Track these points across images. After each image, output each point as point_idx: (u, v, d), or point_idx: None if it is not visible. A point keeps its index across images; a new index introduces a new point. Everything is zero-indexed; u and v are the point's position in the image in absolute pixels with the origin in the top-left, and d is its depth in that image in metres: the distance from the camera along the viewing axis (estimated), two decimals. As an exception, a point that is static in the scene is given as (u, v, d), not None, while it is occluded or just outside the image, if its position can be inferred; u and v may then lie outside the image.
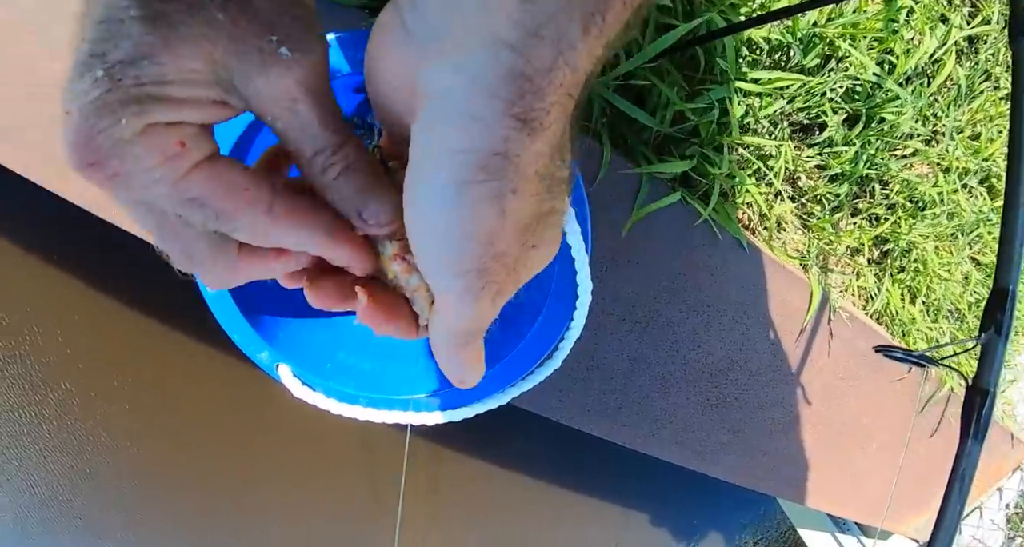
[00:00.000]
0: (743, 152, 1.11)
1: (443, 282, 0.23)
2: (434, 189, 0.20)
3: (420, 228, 0.22)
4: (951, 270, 1.48)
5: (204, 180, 0.22)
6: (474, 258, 0.21)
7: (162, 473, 1.69)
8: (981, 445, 0.44)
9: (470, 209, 0.20)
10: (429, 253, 0.22)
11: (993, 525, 2.31)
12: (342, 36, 0.54)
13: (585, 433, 1.20)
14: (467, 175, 0.19)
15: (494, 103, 0.19)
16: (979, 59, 1.38)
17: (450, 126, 0.19)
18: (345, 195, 0.25)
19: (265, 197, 0.23)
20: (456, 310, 0.23)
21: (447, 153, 0.20)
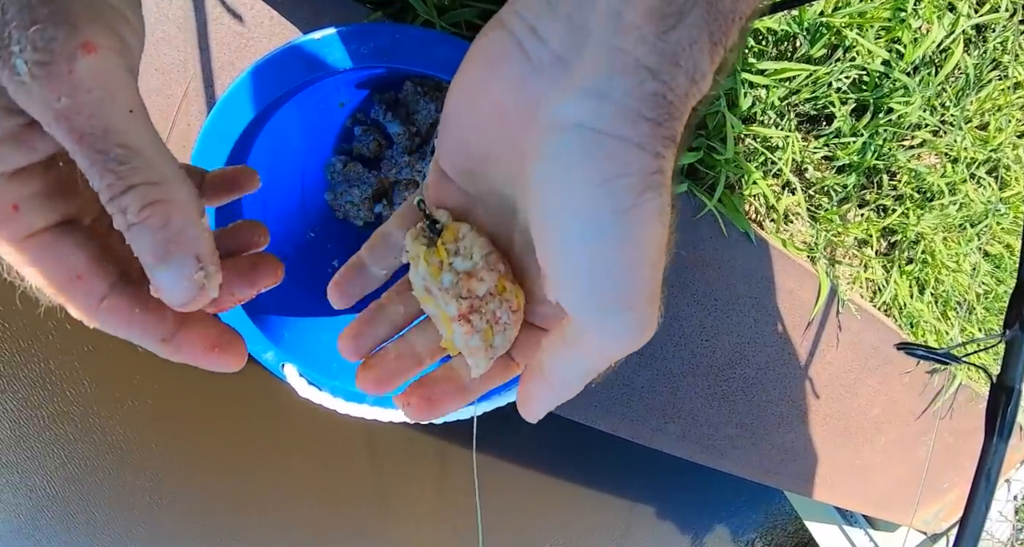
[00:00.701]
0: (750, 143, 1.10)
1: (604, 323, 0.20)
2: (591, 222, 0.19)
3: (574, 271, 0.20)
4: (959, 261, 1.47)
5: (37, 254, 0.19)
6: (645, 286, 0.20)
7: (167, 470, 1.70)
8: (1007, 443, 0.43)
9: (638, 234, 0.19)
10: (593, 295, 0.20)
11: (1001, 517, 2.30)
12: (343, 30, 0.53)
13: (591, 427, 1.20)
14: (631, 200, 0.18)
15: (643, 124, 0.18)
16: (987, 48, 1.36)
17: (599, 154, 0.18)
18: (136, 251, 0.19)
19: (99, 288, 0.21)
20: (621, 344, 0.21)
21: (602, 182, 0.18)
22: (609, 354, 0.22)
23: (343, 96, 0.74)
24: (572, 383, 0.23)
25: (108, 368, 1.52)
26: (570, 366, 0.23)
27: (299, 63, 0.51)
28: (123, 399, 1.57)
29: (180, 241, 0.19)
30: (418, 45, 0.50)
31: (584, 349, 0.22)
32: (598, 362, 0.22)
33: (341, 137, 0.79)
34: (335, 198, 0.79)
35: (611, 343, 0.21)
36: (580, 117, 0.18)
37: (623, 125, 0.18)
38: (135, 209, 0.19)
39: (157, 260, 0.19)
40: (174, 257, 0.19)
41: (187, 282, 0.20)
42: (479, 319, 0.25)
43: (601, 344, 0.21)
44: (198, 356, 0.23)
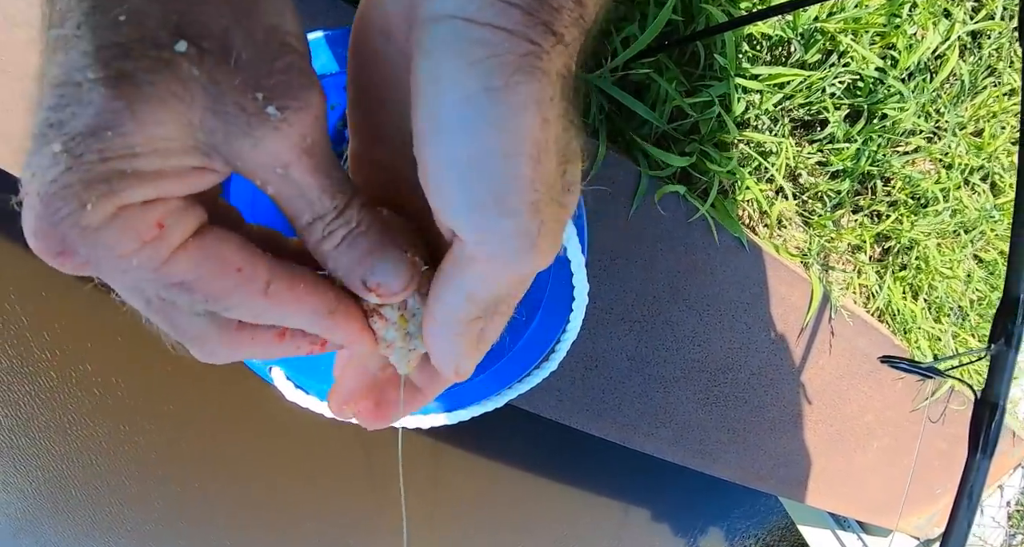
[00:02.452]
0: (743, 149, 1.10)
1: (483, 228, 0.19)
2: (460, 106, 0.17)
3: (446, 164, 0.18)
4: (953, 267, 1.47)
5: (189, 262, 0.19)
6: (524, 185, 0.18)
7: (158, 474, 1.69)
8: (990, 460, 0.42)
9: (512, 117, 0.17)
10: (466, 196, 0.18)
11: (994, 523, 2.31)
12: (333, 33, 0.53)
13: (584, 432, 1.19)
14: (497, 78, 0.17)
15: (512, 11, 0.17)
16: (982, 54, 1.37)
17: (465, 40, 0.17)
18: (347, 263, 0.21)
19: (261, 276, 0.20)
20: (505, 265, 0.19)
21: (469, 65, 0.17)
22: (493, 274, 0.20)
23: (333, 98, 0.74)
24: (455, 312, 0.21)
25: (98, 374, 1.52)
26: (450, 290, 0.21)
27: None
28: (109, 400, 1.56)
29: (390, 234, 0.22)
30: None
31: (468, 270, 0.20)
32: (480, 284, 0.20)
33: (332, 139, 0.78)
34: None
35: (493, 259, 0.19)
36: (451, 9, 0.17)
37: (491, 12, 0.17)
38: (357, 216, 0.21)
39: (377, 255, 0.21)
40: (389, 247, 0.21)
41: (404, 266, 0.21)
42: (391, 311, 0.24)
43: (483, 261, 0.19)
44: (355, 327, 0.23)
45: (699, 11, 0.93)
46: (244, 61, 0.18)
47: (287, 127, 0.18)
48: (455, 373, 0.23)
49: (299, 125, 0.18)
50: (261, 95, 0.18)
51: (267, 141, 0.18)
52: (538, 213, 0.18)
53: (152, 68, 0.16)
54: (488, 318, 0.22)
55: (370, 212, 0.21)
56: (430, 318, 0.22)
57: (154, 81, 0.16)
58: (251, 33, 0.18)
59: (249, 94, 0.18)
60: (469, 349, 0.23)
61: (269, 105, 0.18)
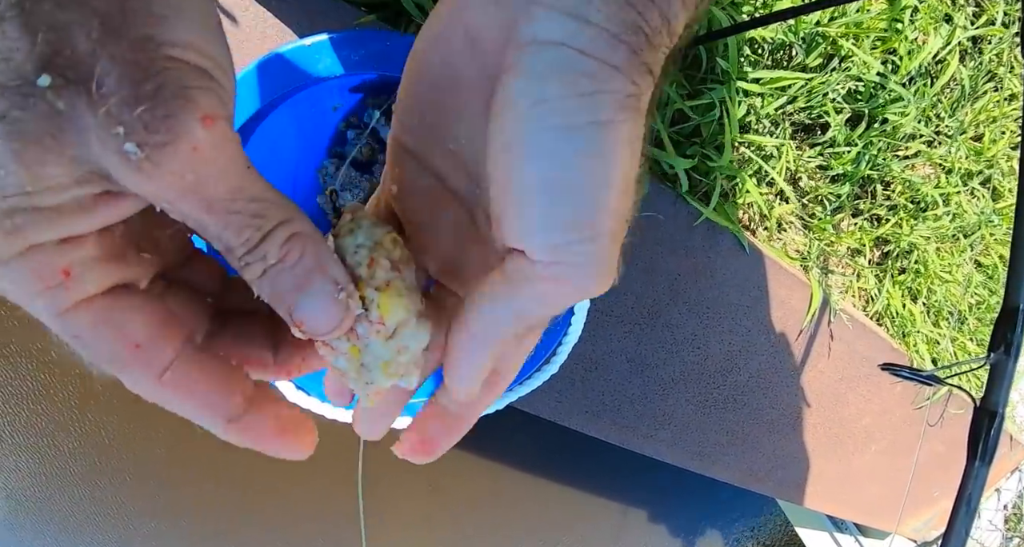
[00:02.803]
0: (744, 152, 1.10)
1: (567, 252, 0.18)
2: (562, 135, 0.18)
3: (539, 183, 0.18)
4: (952, 272, 1.48)
5: (88, 322, 0.18)
6: (612, 215, 0.18)
7: (153, 474, 1.69)
8: (988, 468, 0.43)
9: (611, 152, 0.18)
10: (551, 219, 0.18)
11: (991, 526, 2.31)
12: (338, 36, 0.53)
13: (583, 433, 1.20)
14: (610, 114, 0.18)
15: (621, 49, 0.18)
16: (983, 59, 1.37)
17: (576, 70, 0.17)
18: (270, 295, 0.19)
19: (161, 359, 0.19)
20: (572, 287, 0.19)
21: (577, 97, 0.17)
22: (556, 295, 0.19)
23: (336, 100, 0.74)
24: (497, 328, 0.20)
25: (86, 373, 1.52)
26: (498, 307, 0.20)
27: (289, 69, 0.51)
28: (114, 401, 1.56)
29: (319, 267, 0.20)
30: (407, 52, 0.50)
31: (526, 288, 0.19)
32: (536, 304, 0.20)
33: (334, 141, 0.79)
34: (327, 202, 0.79)
35: (562, 281, 0.19)
36: (559, 36, 0.18)
37: (602, 47, 0.18)
38: (275, 252, 0.19)
39: (301, 290, 0.19)
40: (316, 283, 0.19)
41: (333, 304, 0.20)
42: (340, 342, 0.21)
43: (550, 281, 0.19)
44: (266, 439, 0.22)
45: (702, 15, 0.93)
46: (107, 88, 0.16)
47: (150, 166, 0.16)
48: (466, 395, 0.22)
49: (169, 162, 0.16)
50: (122, 130, 0.16)
51: (133, 182, 0.16)
52: (616, 242, 0.19)
53: (20, 105, 0.15)
54: (518, 343, 0.22)
55: (301, 244, 0.19)
56: (464, 331, 0.21)
57: (23, 118, 0.15)
58: (117, 52, 0.16)
59: (111, 129, 0.16)
60: (487, 372, 0.22)
61: (128, 142, 0.16)
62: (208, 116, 0.17)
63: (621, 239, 0.19)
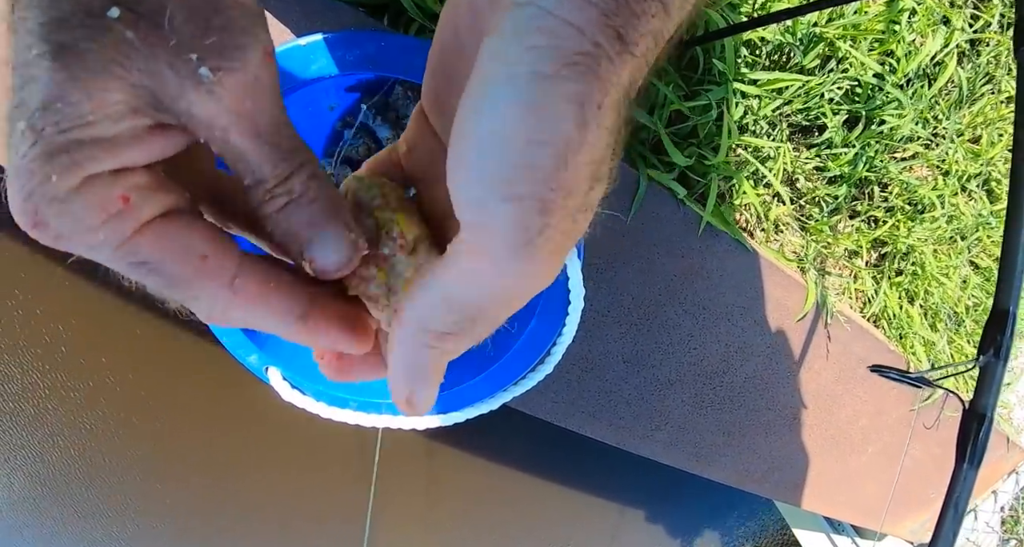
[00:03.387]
0: (742, 153, 1.10)
1: (483, 209, 0.17)
2: (504, 80, 0.17)
3: (472, 138, 0.17)
4: (949, 274, 1.48)
5: (152, 243, 0.19)
6: (540, 176, 0.17)
7: (151, 471, 1.69)
8: (977, 471, 0.43)
9: (550, 107, 0.17)
10: (477, 171, 0.17)
11: (988, 528, 2.32)
12: (333, 37, 0.53)
13: (580, 434, 1.20)
14: (547, 66, 0.16)
15: (588, 9, 0.17)
16: (980, 62, 1.37)
17: (534, 27, 0.17)
18: (285, 230, 0.21)
19: (228, 269, 0.20)
20: (490, 263, 0.18)
21: (528, 49, 0.17)
22: (475, 271, 0.18)
23: (332, 99, 0.74)
24: (426, 316, 0.19)
25: (94, 370, 1.52)
26: (427, 289, 0.19)
27: (284, 69, 0.51)
28: (107, 401, 1.56)
29: (333, 210, 0.21)
30: (404, 52, 0.50)
31: (451, 266, 0.19)
32: (461, 284, 0.18)
33: (330, 140, 0.79)
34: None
35: (479, 251, 0.18)
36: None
37: (568, 7, 0.17)
38: (300, 187, 0.20)
39: (317, 228, 0.21)
40: (331, 223, 0.21)
41: (343, 245, 0.21)
42: (367, 269, 0.22)
43: (469, 253, 0.18)
44: (332, 333, 0.22)
45: (699, 16, 0.93)
46: (179, 22, 0.17)
47: (220, 89, 0.18)
48: (406, 402, 0.21)
49: (234, 87, 0.18)
50: (195, 56, 0.17)
51: (200, 104, 0.18)
52: (545, 214, 0.17)
53: (88, 36, 0.17)
54: (462, 335, 0.20)
55: (319, 185, 0.21)
56: (396, 321, 0.20)
57: (91, 49, 0.17)
58: None
59: (183, 56, 0.17)
60: (432, 374, 0.21)
61: (202, 66, 0.18)
62: (267, 49, 0.19)
63: (559, 217, 0.17)
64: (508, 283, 0.18)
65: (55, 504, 1.66)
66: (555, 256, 0.18)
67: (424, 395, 0.21)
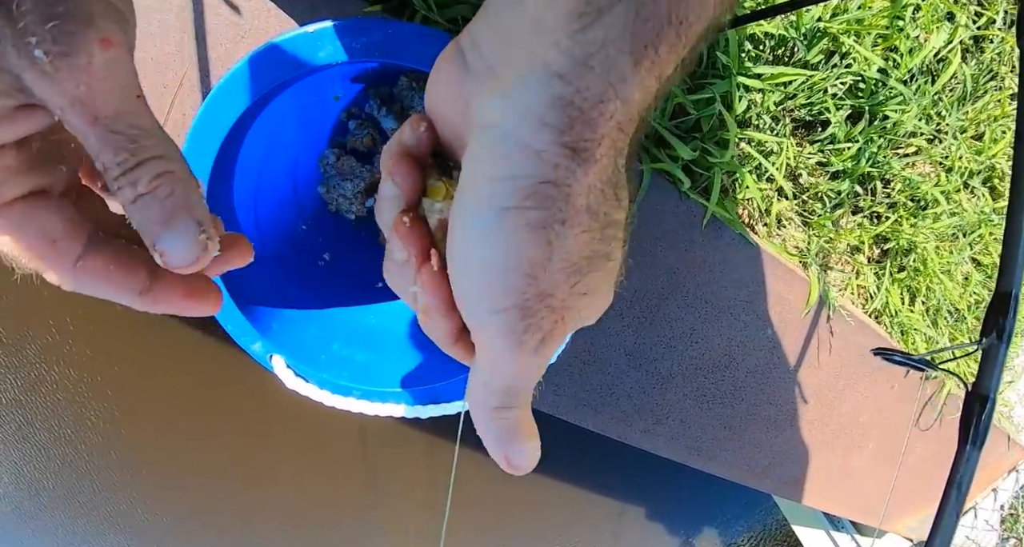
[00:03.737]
0: (744, 147, 1.10)
1: (481, 320, 0.20)
2: (475, 215, 0.19)
3: (460, 259, 0.20)
4: (951, 270, 1.48)
5: (11, 223, 0.21)
6: (515, 292, 0.19)
7: (155, 459, 1.70)
8: (980, 452, 0.43)
9: (511, 236, 0.19)
10: (467, 286, 0.21)
11: (987, 526, 2.32)
12: (341, 24, 0.54)
13: (581, 428, 1.20)
14: (510, 201, 0.19)
15: (544, 131, 0.18)
16: (984, 58, 1.37)
17: (497, 154, 0.19)
18: (138, 222, 0.21)
19: (75, 249, 0.22)
20: (497, 357, 0.21)
21: (491, 180, 0.19)
22: (494, 368, 0.21)
23: (338, 90, 0.74)
24: (480, 398, 0.23)
25: (98, 358, 1.52)
26: (474, 375, 0.23)
27: (291, 56, 0.51)
28: (111, 389, 1.57)
29: (184, 207, 0.22)
30: (410, 41, 0.51)
31: (479, 362, 0.22)
32: (491, 379, 0.22)
33: (335, 130, 0.79)
34: (328, 191, 0.79)
35: (485, 348, 0.21)
36: (493, 118, 0.19)
37: (525, 130, 0.18)
38: (146, 181, 0.21)
39: (164, 226, 0.21)
40: (180, 221, 0.21)
41: (191, 243, 0.22)
42: None
43: (484, 354, 0.21)
44: (176, 304, 0.24)
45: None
46: (26, 7, 0.18)
47: (54, 72, 0.19)
48: (507, 464, 0.24)
49: (68, 71, 0.19)
50: (34, 40, 0.18)
51: (37, 85, 0.19)
52: (527, 317, 0.20)
53: None
54: (518, 406, 0.23)
55: (172, 182, 0.21)
56: (470, 407, 0.24)
57: None
58: None
59: (25, 38, 0.18)
60: (513, 438, 0.23)
61: (37, 49, 0.18)
62: (106, 39, 0.20)
63: (543, 313, 0.20)
64: (517, 369, 0.21)
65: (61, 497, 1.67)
66: (546, 339, 0.20)
67: (516, 455, 0.24)
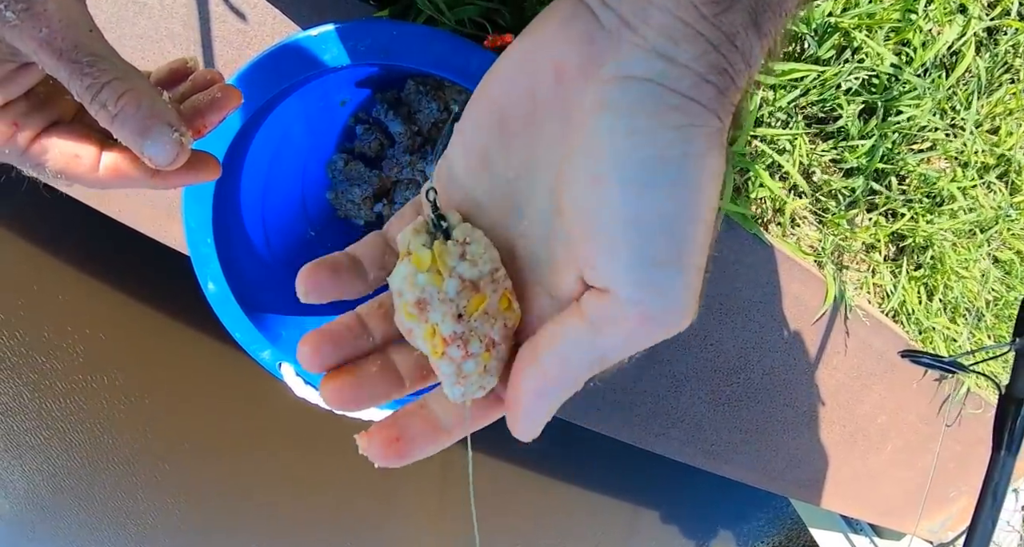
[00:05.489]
0: (757, 145, 1.09)
1: (655, 285, 0.18)
2: (660, 163, 0.18)
3: (626, 216, 0.18)
4: (969, 268, 1.45)
5: (39, 150, 0.28)
6: (699, 248, 0.19)
7: (163, 465, 1.70)
8: (1015, 457, 0.41)
9: (706, 182, 0.18)
10: (637, 248, 0.18)
11: (1009, 527, 2.27)
12: (343, 26, 0.53)
13: (594, 431, 1.18)
14: (703, 146, 0.18)
15: (708, 88, 0.18)
16: (999, 51, 1.35)
17: (667, 104, 0.18)
18: (124, 137, 0.27)
19: (93, 160, 0.29)
20: (657, 323, 0.19)
21: (670, 128, 0.18)
22: (642, 334, 0.19)
23: (344, 94, 0.74)
24: (576, 373, 0.20)
25: (108, 366, 1.53)
26: (581, 351, 0.20)
27: (296, 60, 0.50)
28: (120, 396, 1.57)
29: (153, 116, 0.26)
30: (416, 42, 0.50)
31: (611, 329, 0.19)
32: (621, 346, 0.20)
33: (343, 135, 0.78)
34: (336, 197, 0.78)
35: (649, 319, 0.19)
36: (648, 73, 0.18)
37: (691, 86, 0.18)
38: (112, 100, 0.26)
39: (141, 136, 0.26)
40: (154, 129, 0.26)
41: (169, 145, 0.27)
42: (477, 342, 0.21)
43: (637, 320, 0.19)
44: (183, 178, 0.31)
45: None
46: None
47: (20, 23, 0.24)
48: (527, 435, 0.23)
49: (31, 22, 0.24)
50: (3, 5, 0.24)
51: (11, 36, 0.25)
52: (701, 276, 0.19)
53: None
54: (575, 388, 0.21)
55: (134, 97, 0.26)
56: (541, 377, 0.21)
57: None
58: None
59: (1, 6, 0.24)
60: (553, 411, 0.22)
61: (8, 11, 0.24)
62: None
63: (703, 272, 0.19)
64: (669, 334, 0.20)
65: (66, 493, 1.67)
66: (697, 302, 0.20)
67: (541, 424, 0.23)
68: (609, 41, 0.19)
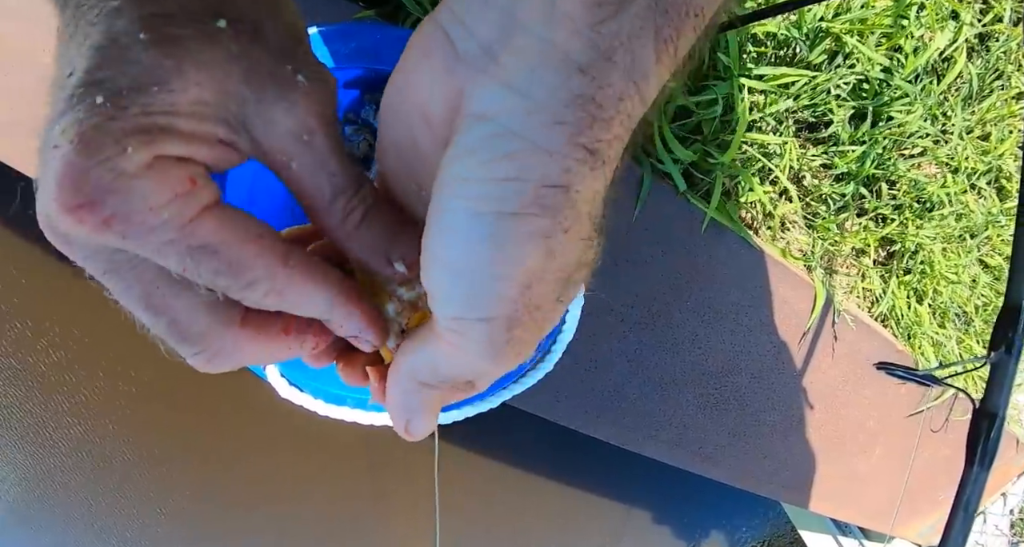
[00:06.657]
0: (747, 150, 1.09)
1: (460, 325, 0.19)
2: (470, 219, 0.17)
3: (444, 263, 0.19)
4: (959, 273, 1.46)
5: (216, 224, 0.19)
6: (506, 303, 0.18)
7: (153, 468, 1.69)
8: (988, 472, 0.41)
9: (513, 246, 0.17)
10: (451, 293, 0.19)
11: (997, 531, 2.29)
12: (327, 29, 0.53)
13: (584, 433, 1.18)
14: (515, 207, 0.17)
15: (558, 130, 0.17)
16: (990, 57, 1.35)
17: (499, 152, 0.17)
18: (371, 239, 0.22)
19: (281, 247, 0.20)
20: (467, 357, 0.20)
21: (492, 181, 0.17)
22: (457, 360, 0.20)
23: (332, 95, 0.73)
24: (416, 373, 0.22)
25: (98, 366, 1.52)
26: (421, 353, 0.21)
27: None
28: (110, 398, 1.56)
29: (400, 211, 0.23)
30: (400, 45, 0.50)
31: (438, 344, 0.20)
32: (445, 367, 0.21)
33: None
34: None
35: (460, 350, 0.20)
36: (495, 111, 0.17)
37: (535, 127, 0.17)
38: (371, 196, 0.22)
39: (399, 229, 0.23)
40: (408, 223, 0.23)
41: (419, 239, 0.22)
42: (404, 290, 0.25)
43: (451, 346, 0.20)
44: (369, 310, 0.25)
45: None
46: (273, 43, 0.20)
47: (314, 93, 0.20)
48: (405, 430, 0.23)
49: (323, 93, 0.21)
50: (290, 67, 0.20)
51: (299, 104, 0.20)
52: (512, 328, 0.19)
53: (197, 36, 0.18)
54: (448, 390, 0.22)
55: (375, 191, 0.22)
56: (395, 368, 0.22)
57: (200, 47, 0.18)
58: (277, 24, 0.20)
59: (281, 66, 0.20)
60: (424, 411, 0.23)
61: (299, 74, 0.20)
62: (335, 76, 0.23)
63: (528, 323, 0.19)
64: (484, 370, 0.20)
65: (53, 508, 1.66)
66: (523, 348, 0.20)
67: (418, 424, 0.23)
68: (467, 73, 0.18)
